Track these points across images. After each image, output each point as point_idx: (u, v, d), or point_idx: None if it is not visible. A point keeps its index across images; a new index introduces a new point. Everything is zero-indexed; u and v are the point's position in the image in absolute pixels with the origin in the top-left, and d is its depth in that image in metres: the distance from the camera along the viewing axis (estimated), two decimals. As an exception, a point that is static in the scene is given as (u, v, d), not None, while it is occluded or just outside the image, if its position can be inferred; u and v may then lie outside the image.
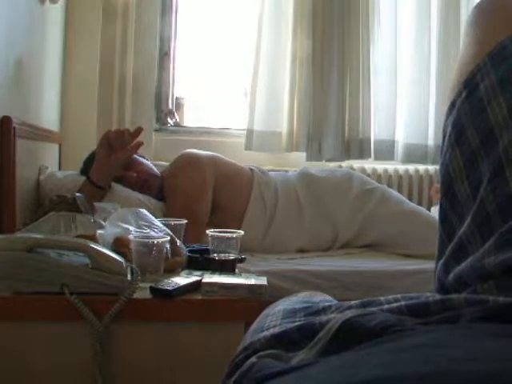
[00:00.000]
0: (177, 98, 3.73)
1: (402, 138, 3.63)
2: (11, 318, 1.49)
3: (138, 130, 2.34)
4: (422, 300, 0.57)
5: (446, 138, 0.66)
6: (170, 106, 3.67)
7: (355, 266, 2.38)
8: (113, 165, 2.34)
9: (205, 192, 2.54)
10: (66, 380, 1.50)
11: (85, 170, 2.50)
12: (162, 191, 2.56)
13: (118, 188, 2.43)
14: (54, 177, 2.58)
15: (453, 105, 0.65)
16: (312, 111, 3.52)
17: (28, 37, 2.47)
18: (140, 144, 2.34)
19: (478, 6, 0.73)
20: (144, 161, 2.64)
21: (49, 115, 2.93)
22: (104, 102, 3.34)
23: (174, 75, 3.68)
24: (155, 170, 2.64)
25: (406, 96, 3.65)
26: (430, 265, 2.14)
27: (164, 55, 3.63)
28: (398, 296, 0.61)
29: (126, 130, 2.36)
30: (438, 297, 0.56)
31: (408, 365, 0.40)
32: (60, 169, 3.03)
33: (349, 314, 0.56)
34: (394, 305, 0.58)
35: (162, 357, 1.54)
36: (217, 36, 3.84)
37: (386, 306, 0.58)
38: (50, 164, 2.77)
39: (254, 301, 1.54)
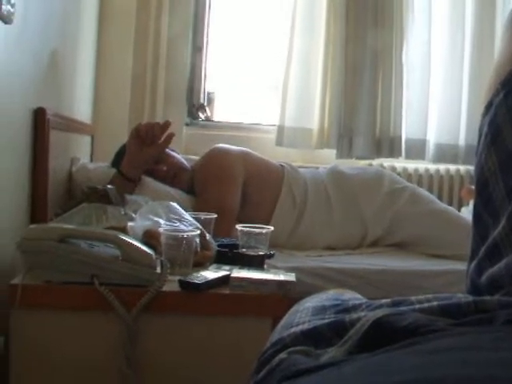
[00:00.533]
0: (208, 93, 3.74)
1: (433, 137, 3.60)
2: (41, 306, 1.51)
3: (167, 124, 2.36)
4: (455, 301, 0.56)
5: (482, 138, 0.65)
6: (202, 101, 3.68)
7: (384, 265, 2.36)
8: (144, 158, 2.36)
9: (234, 187, 2.54)
10: (94, 370, 1.52)
11: (116, 163, 2.52)
12: (192, 185, 2.57)
13: (148, 181, 2.45)
14: (86, 168, 2.60)
15: (490, 105, 0.65)
16: (343, 108, 3.51)
17: (63, 29, 2.49)
18: (171, 136, 2.35)
19: None
20: (175, 154, 2.64)
21: (81, 107, 2.96)
22: (136, 94, 3.36)
23: (205, 69, 3.69)
24: (186, 163, 2.65)
25: (439, 95, 3.62)
26: (459, 266, 2.12)
27: (197, 50, 3.64)
28: (430, 296, 0.60)
29: (156, 124, 2.37)
30: (470, 298, 0.56)
31: (444, 368, 0.40)
32: (92, 160, 3.05)
33: (380, 312, 0.56)
34: (426, 305, 0.58)
35: (188, 349, 1.55)
36: (249, 31, 3.84)
37: (417, 306, 0.58)
38: (81, 156, 2.79)
39: (282, 297, 1.54)
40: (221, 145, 2.70)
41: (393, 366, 0.44)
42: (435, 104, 3.61)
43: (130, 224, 1.72)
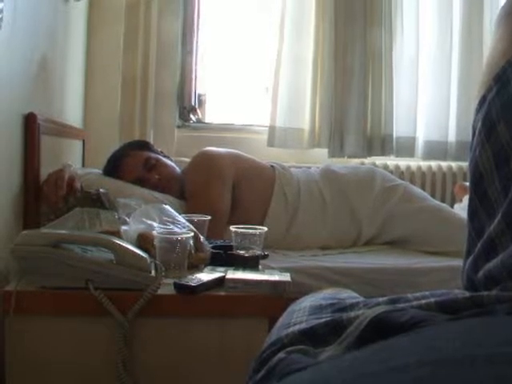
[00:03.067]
0: (199, 95, 3.74)
1: (422, 134, 3.61)
2: (36, 312, 1.51)
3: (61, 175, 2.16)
4: (452, 297, 0.56)
5: (476, 134, 0.65)
6: (193, 103, 3.68)
7: (379, 263, 2.36)
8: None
9: (224, 189, 2.53)
10: (91, 374, 1.51)
11: (107, 170, 2.53)
12: (182, 191, 2.56)
13: (136, 189, 2.42)
14: (76, 174, 2.58)
15: (483, 100, 0.64)
16: (334, 107, 3.51)
17: (52, 34, 2.48)
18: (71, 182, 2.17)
19: None
20: (168, 162, 2.63)
21: (72, 111, 2.95)
22: (127, 98, 3.35)
23: (196, 72, 3.69)
24: (178, 171, 2.63)
25: (428, 92, 3.63)
26: (454, 262, 2.12)
27: (187, 52, 3.64)
28: (427, 293, 0.60)
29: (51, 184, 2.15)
30: (467, 294, 0.56)
31: (441, 351, 0.40)
32: (83, 165, 3.05)
33: (378, 310, 0.56)
34: (423, 301, 0.58)
35: (185, 352, 1.55)
36: (239, 32, 3.84)
37: (414, 303, 0.58)
38: (73, 160, 2.78)
39: (277, 297, 1.54)
40: (209, 148, 2.69)
41: (394, 352, 0.43)
42: (424, 101, 3.62)
43: (123, 228, 1.72)
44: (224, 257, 1.80)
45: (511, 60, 0.63)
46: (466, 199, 2.82)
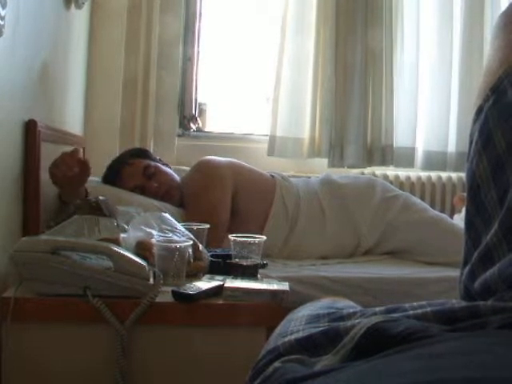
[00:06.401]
0: (200, 104, 3.74)
1: (422, 145, 3.61)
2: (34, 319, 1.50)
3: (74, 152, 2.21)
4: (448, 306, 0.56)
5: (473, 144, 0.65)
6: (193, 112, 3.68)
7: (377, 273, 2.36)
8: (73, 189, 2.21)
9: (224, 197, 2.53)
10: (88, 381, 1.51)
11: (107, 177, 2.54)
12: (182, 199, 2.56)
13: (134, 196, 2.43)
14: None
15: (480, 110, 0.65)
16: (334, 118, 3.51)
17: (53, 41, 2.49)
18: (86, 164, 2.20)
19: (510, 9, 0.72)
20: (167, 170, 2.63)
21: (73, 119, 2.95)
22: (127, 107, 3.36)
23: (197, 80, 3.70)
24: (177, 179, 2.63)
25: (427, 103, 3.63)
26: (453, 272, 2.12)
27: (187, 60, 3.64)
28: (424, 303, 0.60)
29: (63, 159, 2.16)
30: (464, 304, 0.56)
31: (441, 371, 0.40)
32: (83, 172, 3.04)
33: (374, 319, 0.56)
34: (420, 311, 0.58)
35: (183, 360, 1.54)
36: (240, 41, 3.85)
37: (411, 312, 0.58)
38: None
39: (275, 306, 1.54)
40: (208, 157, 2.68)
41: (390, 370, 0.43)
42: (424, 111, 3.62)
43: (122, 235, 1.72)
44: (223, 265, 1.80)
45: (508, 70, 0.63)
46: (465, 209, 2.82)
